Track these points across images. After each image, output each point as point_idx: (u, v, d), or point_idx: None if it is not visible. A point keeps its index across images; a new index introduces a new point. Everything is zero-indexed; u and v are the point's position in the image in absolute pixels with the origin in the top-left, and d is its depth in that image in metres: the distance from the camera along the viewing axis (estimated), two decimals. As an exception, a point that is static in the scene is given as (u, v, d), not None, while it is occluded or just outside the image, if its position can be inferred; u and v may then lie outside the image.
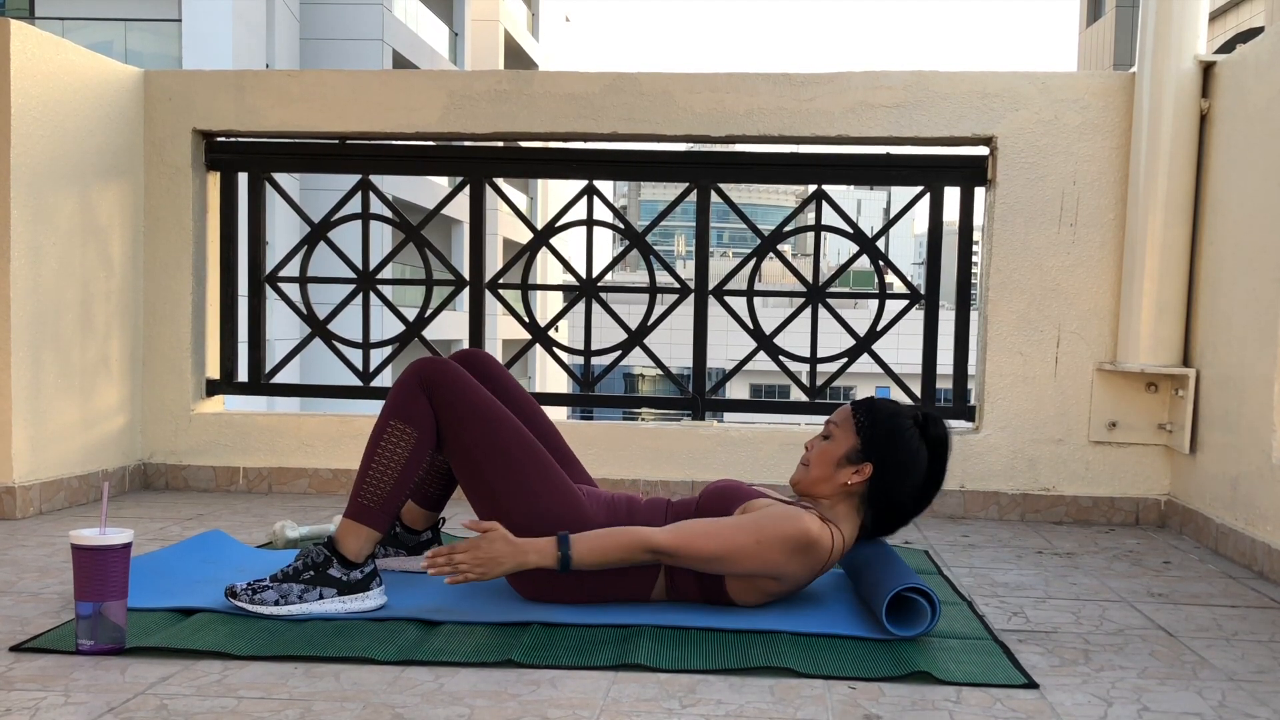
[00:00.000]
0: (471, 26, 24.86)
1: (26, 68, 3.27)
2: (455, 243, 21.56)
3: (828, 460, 2.31)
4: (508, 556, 2.15)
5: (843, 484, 2.30)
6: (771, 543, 2.19)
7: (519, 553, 2.16)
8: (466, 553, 2.14)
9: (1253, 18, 19.65)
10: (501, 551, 2.15)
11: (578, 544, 2.17)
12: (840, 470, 2.30)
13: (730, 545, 2.19)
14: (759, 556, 2.19)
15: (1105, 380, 3.63)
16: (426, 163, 4.13)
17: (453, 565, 2.14)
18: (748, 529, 2.20)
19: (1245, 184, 3.15)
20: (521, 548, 2.16)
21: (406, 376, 2.30)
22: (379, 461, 2.26)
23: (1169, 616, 2.44)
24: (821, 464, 2.32)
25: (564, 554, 2.15)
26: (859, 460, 2.29)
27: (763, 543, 2.18)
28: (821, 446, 2.34)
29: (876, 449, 2.29)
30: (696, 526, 2.21)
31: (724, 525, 2.22)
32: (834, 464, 2.30)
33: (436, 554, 2.15)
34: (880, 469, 2.29)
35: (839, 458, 2.30)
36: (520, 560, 2.16)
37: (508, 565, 2.16)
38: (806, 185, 3.99)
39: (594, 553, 2.17)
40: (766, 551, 2.19)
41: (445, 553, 2.14)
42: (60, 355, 3.45)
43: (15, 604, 2.31)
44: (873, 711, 1.78)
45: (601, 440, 3.75)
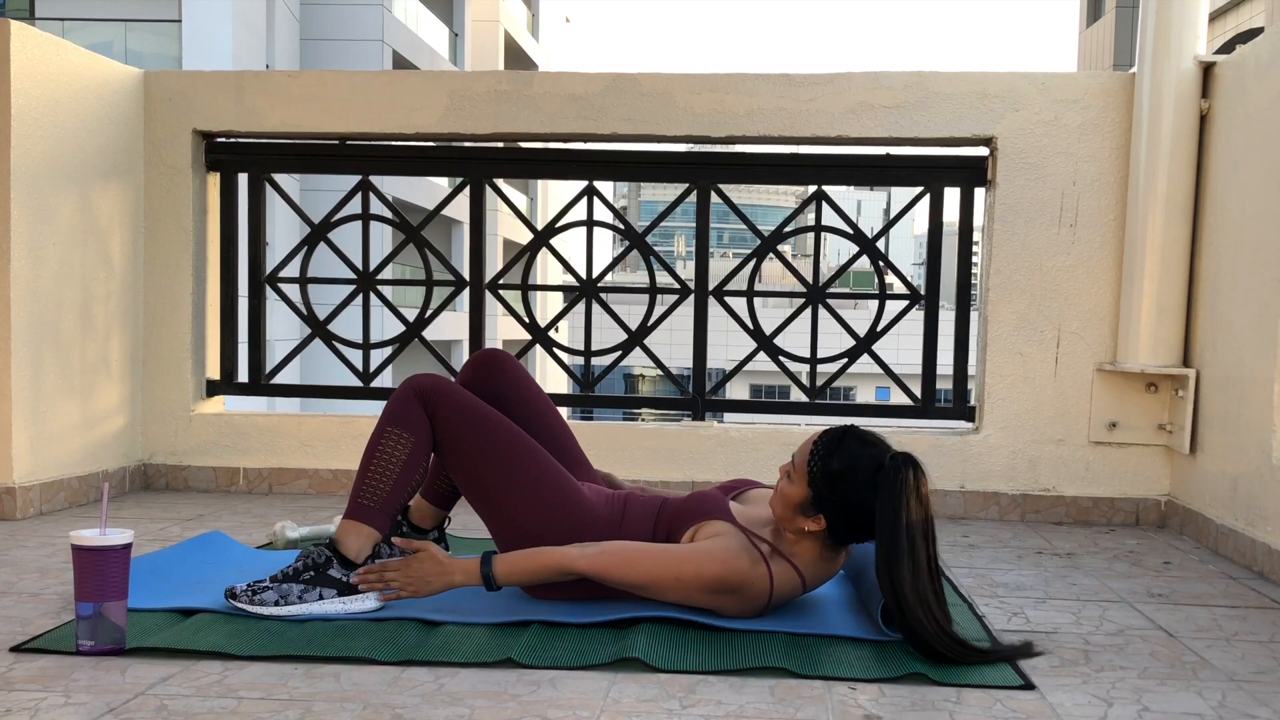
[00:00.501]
0: (471, 27, 24.86)
1: (26, 68, 3.27)
2: (455, 243, 21.56)
3: (786, 504, 2.19)
4: (435, 576, 2.22)
5: (801, 529, 2.19)
6: (690, 582, 2.16)
7: (445, 573, 2.22)
8: (397, 571, 2.23)
9: (1253, 18, 19.65)
10: (430, 571, 2.22)
11: (500, 564, 2.20)
12: (797, 518, 2.19)
13: (650, 578, 2.18)
14: (679, 592, 2.18)
15: (1105, 380, 3.63)
16: (426, 163, 4.13)
17: (384, 581, 2.23)
18: (669, 564, 2.17)
19: (1245, 184, 3.15)
20: (448, 568, 2.22)
21: (402, 389, 2.34)
22: (378, 463, 2.27)
23: (1169, 617, 2.44)
24: (781, 506, 2.21)
25: (486, 573, 2.19)
26: (812, 512, 2.16)
27: (681, 580, 2.17)
28: (781, 488, 2.21)
29: (825, 505, 2.15)
30: (621, 554, 2.19)
31: (647, 556, 2.19)
32: (791, 510, 2.18)
33: (369, 571, 2.23)
34: (833, 523, 2.17)
35: (795, 505, 2.18)
36: (447, 580, 2.22)
37: (436, 585, 2.22)
38: (806, 186, 3.99)
39: (516, 573, 2.21)
40: (686, 589, 2.17)
41: (377, 570, 2.23)
42: (60, 356, 3.45)
43: (15, 604, 2.31)
44: (873, 711, 1.78)
45: (601, 440, 3.74)
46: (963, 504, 3.66)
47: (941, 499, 3.65)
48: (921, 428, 3.84)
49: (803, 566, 2.22)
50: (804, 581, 2.23)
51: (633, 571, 2.18)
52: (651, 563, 2.18)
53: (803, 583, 2.23)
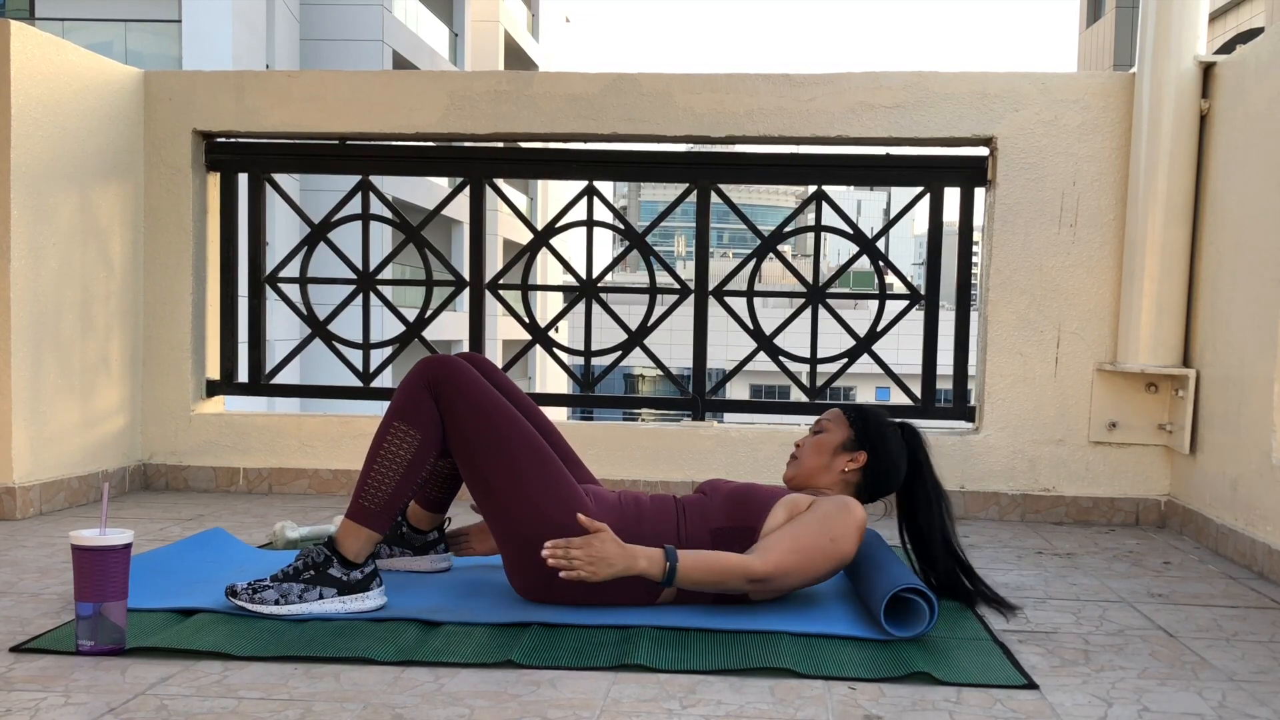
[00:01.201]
0: (471, 27, 24.86)
1: (27, 68, 3.27)
2: (455, 243, 21.56)
3: (824, 450, 2.45)
4: (618, 559, 2.15)
5: (840, 471, 2.44)
6: (846, 537, 2.26)
7: (629, 556, 2.15)
8: (581, 549, 2.14)
9: (1253, 18, 19.65)
10: (613, 553, 2.15)
11: (684, 559, 2.18)
12: (837, 458, 2.45)
13: (814, 554, 2.24)
14: (837, 554, 2.26)
15: (1105, 380, 3.63)
16: (426, 163, 4.13)
17: (569, 558, 2.13)
18: (818, 530, 2.25)
19: (1245, 184, 3.15)
20: (632, 552, 2.16)
21: (412, 377, 2.30)
22: (381, 463, 2.26)
23: (1169, 617, 2.44)
24: (818, 453, 2.45)
25: (671, 565, 2.16)
26: (854, 448, 2.45)
27: (837, 540, 2.25)
28: (815, 439, 2.48)
29: (870, 439, 2.45)
30: (782, 545, 2.23)
31: (800, 532, 2.25)
32: (831, 452, 2.45)
33: (556, 545, 2.14)
34: (873, 457, 2.45)
35: (835, 446, 2.45)
36: (630, 564, 2.15)
37: (618, 567, 2.15)
38: (806, 186, 3.99)
39: (698, 570, 2.19)
40: (841, 546, 2.26)
41: (563, 545, 2.14)
42: (60, 356, 3.45)
43: (15, 604, 2.31)
44: (873, 712, 1.78)
45: (601, 440, 3.75)
46: (963, 504, 3.66)
47: (941, 499, 3.64)
48: (921, 428, 3.83)
49: None
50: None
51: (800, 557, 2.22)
52: (807, 536, 2.24)
53: None
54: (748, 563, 2.20)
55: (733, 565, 2.20)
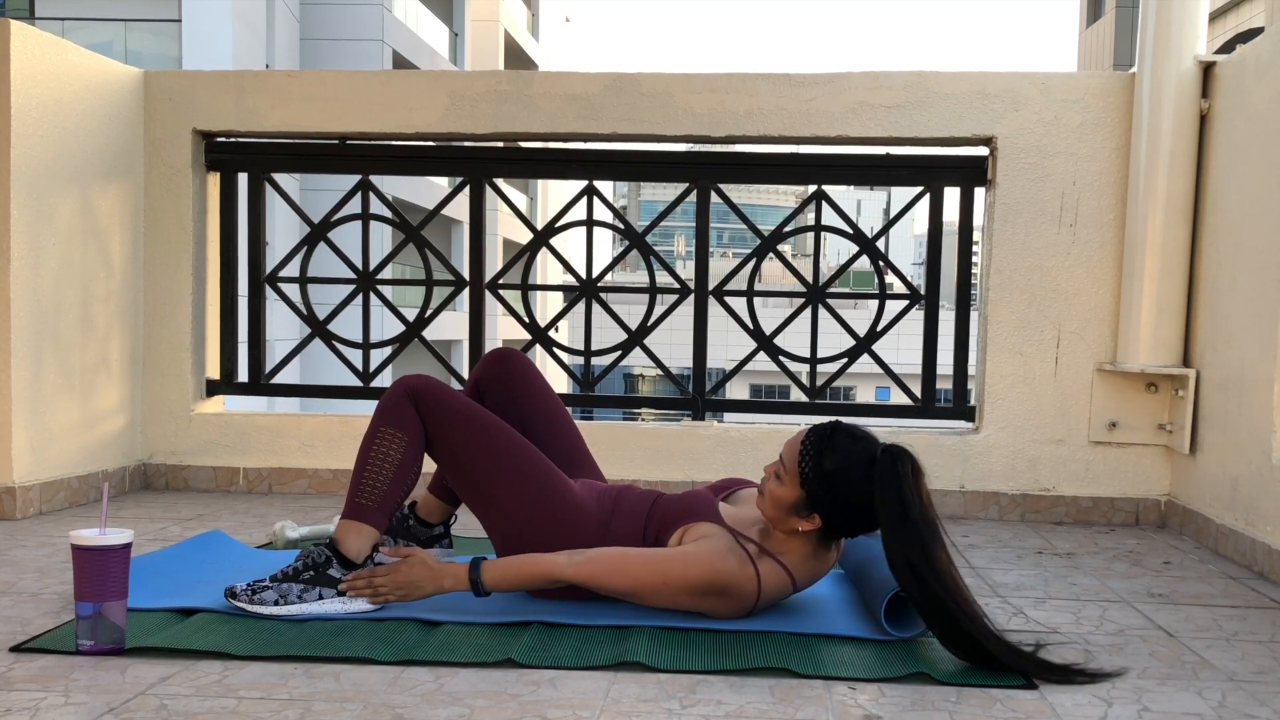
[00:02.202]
0: (471, 27, 24.86)
1: (26, 68, 3.27)
2: (455, 243, 21.55)
3: (778, 506, 2.18)
4: (427, 580, 2.22)
5: (795, 530, 2.19)
6: (676, 585, 2.16)
7: (435, 577, 2.22)
8: (386, 577, 2.22)
9: (1253, 18, 19.65)
10: (420, 576, 2.22)
11: (489, 570, 2.20)
12: (791, 518, 2.17)
13: (638, 584, 2.18)
14: (666, 597, 2.19)
15: (1105, 380, 3.63)
16: (426, 163, 4.13)
17: (373, 588, 2.22)
18: (657, 568, 2.17)
19: (1245, 184, 3.15)
20: (438, 573, 2.22)
21: (393, 389, 2.35)
22: (373, 462, 2.28)
23: (1169, 617, 2.44)
24: (773, 508, 2.19)
25: (474, 579, 2.19)
26: (806, 512, 2.16)
27: (668, 584, 2.17)
28: (771, 489, 2.20)
29: (820, 504, 2.14)
30: (608, 561, 2.19)
31: (635, 562, 2.19)
32: (784, 511, 2.17)
33: (356, 577, 2.23)
34: (830, 520, 2.16)
35: (788, 506, 2.16)
36: (437, 585, 2.22)
37: (427, 589, 2.22)
38: (806, 185, 3.99)
39: (505, 580, 2.21)
40: (673, 593, 2.18)
41: (365, 576, 2.23)
42: (60, 355, 3.45)
43: (15, 604, 2.31)
44: (873, 712, 1.78)
45: (601, 440, 3.73)
46: (963, 504, 3.66)
47: (941, 499, 3.64)
48: (921, 428, 3.84)
49: (792, 565, 2.21)
50: (794, 581, 2.23)
51: (620, 578, 2.18)
52: (639, 569, 2.18)
53: (793, 582, 2.23)
54: (559, 568, 2.19)
55: (542, 571, 2.20)
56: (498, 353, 2.60)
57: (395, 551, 2.25)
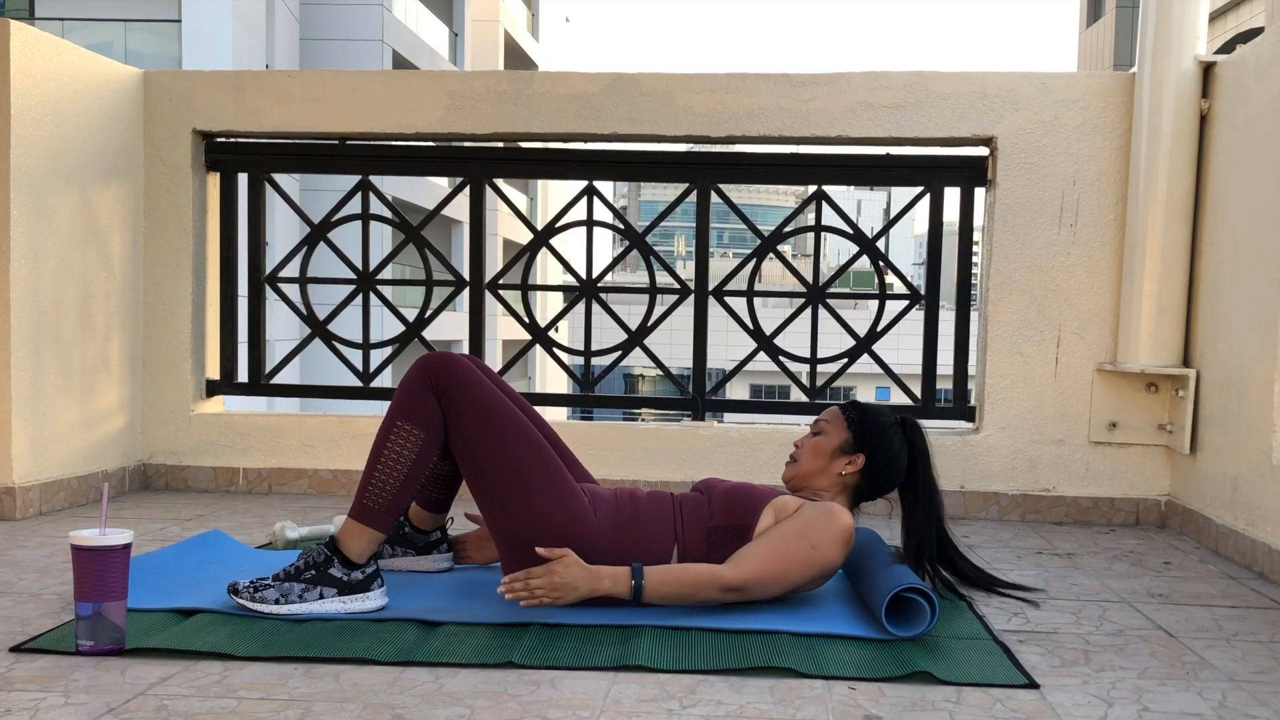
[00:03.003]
0: (471, 27, 24.85)
1: (26, 68, 3.27)
2: (455, 243, 21.55)
3: (822, 452, 2.42)
4: (582, 582, 2.16)
5: (838, 474, 2.41)
6: (827, 544, 2.25)
7: (593, 578, 2.17)
8: (543, 578, 2.15)
9: (1253, 18, 19.65)
10: (577, 577, 2.16)
11: (651, 575, 2.18)
12: (835, 461, 2.41)
13: (793, 562, 2.23)
14: (819, 562, 2.25)
15: (1105, 380, 3.63)
16: (426, 163, 4.13)
17: (529, 590, 2.16)
18: (800, 540, 2.23)
19: (1245, 184, 3.15)
20: (596, 574, 2.17)
21: (414, 373, 2.29)
22: (385, 462, 2.25)
23: (1169, 617, 2.44)
24: (816, 456, 2.42)
25: (637, 584, 2.17)
26: (852, 451, 2.41)
27: (818, 547, 2.24)
28: (814, 441, 2.44)
29: (868, 442, 2.41)
30: (758, 553, 2.22)
31: (778, 542, 2.23)
32: (829, 455, 2.41)
33: (514, 579, 2.16)
34: (871, 460, 2.41)
35: (833, 449, 2.41)
36: (594, 586, 2.17)
37: (583, 590, 2.17)
38: (806, 185, 3.99)
39: (666, 584, 2.19)
40: (824, 554, 2.25)
41: (522, 578, 2.16)
42: (60, 355, 3.45)
43: (15, 604, 2.31)
44: (873, 712, 1.78)
45: (601, 440, 3.75)
46: (963, 504, 3.66)
47: (941, 499, 3.64)
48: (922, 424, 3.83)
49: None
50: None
51: (778, 565, 2.22)
52: (785, 545, 2.23)
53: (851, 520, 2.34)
54: (720, 573, 2.19)
55: (704, 577, 2.19)
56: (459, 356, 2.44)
57: (550, 552, 2.18)
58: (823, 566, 2.27)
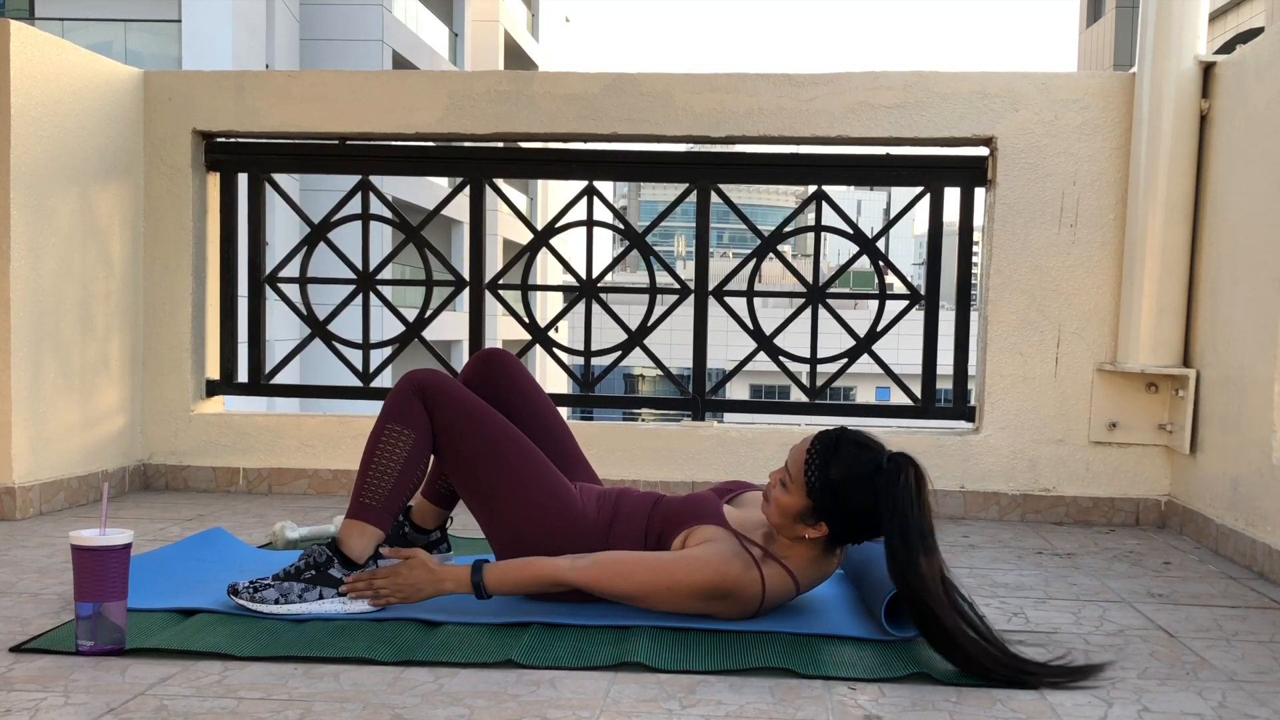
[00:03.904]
0: (471, 27, 24.86)
1: (26, 68, 3.27)
2: (455, 243, 21.55)
3: (784, 514, 2.16)
4: (427, 584, 2.22)
5: (801, 537, 2.18)
6: (681, 589, 2.16)
7: (437, 580, 2.22)
8: (387, 580, 2.22)
9: (1253, 18, 19.65)
10: (421, 579, 2.22)
11: (490, 573, 2.20)
12: (797, 525, 2.16)
13: (642, 588, 2.18)
14: (671, 601, 2.18)
15: (1105, 380, 3.63)
16: (426, 163, 4.13)
17: (373, 590, 2.22)
18: (660, 572, 2.17)
19: (1245, 184, 3.15)
20: (439, 575, 2.22)
21: (401, 385, 2.33)
22: (379, 462, 2.27)
23: (1169, 617, 2.43)
24: (779, 515, 2.17)
25: (476, 581, 2.19)
26: (813, 520, 2.15)
27: (673, 588, 2.16)
28: (777, 497, 2.17)
29: (826, 512, 2.13)
30: (611, 564, 2.19)
31: (639, 566, 2.19)
32: (791, 518, 2.16)
33: (358, 578, 2.23)
34: (836, 528, 2.16)
35: (794, 515, 2.15)
36: (437, 588, 2.22)
37: (427, 592, 2.22)
38: (806, 185, 3.99)
39: (507, 583, 2.21)
40: (678, 597, 2.17)
41: (365, 578, 2.23)
42: (60, 355, 3.45)
43: (15, 604, 2.31)
44: (873, 712, 1.78)
45: (601, 440, 3.74)
46: (963, 504, 3.66)
47: (941, 499, 3.65)
48: (921, 428, 3.84)
49: (796, 569, 2.21)
50: (797, 584, 2.23)
51: (625, 583, 2.18)
52: (644, 573, 2.17)
53: (796, 585, 2.23)
54: (562, 571, 2.18)
55: (543, 573, 2.19)
56: (487, 353, 2.59)
57: (396, 553, 2.25)
58: (679, 608, 2.18)
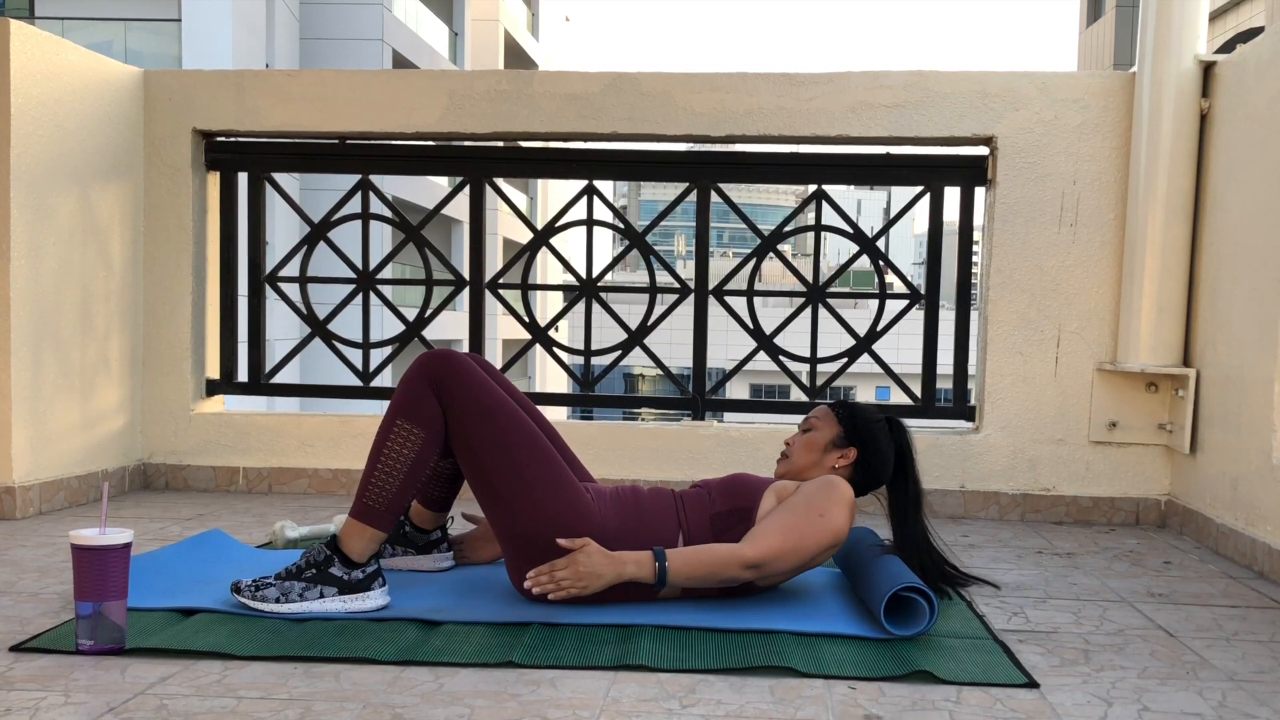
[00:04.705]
0: (471, 26, 24.85)
1: (26, 68, 3.27)
2: (455, 243, 21.56)
3: (815, 447, 2.45)
4: (607, 568, 2.17)
5: (831, 468, 2.44)
6: (834, 511, 2.28)
7: (618, 564, 2.17)
8: (567, 568, 2.16)
9: (1253, 18, 19.65)
10: (600, 564, 2.16)
11: (674, 557, 2.18)
12: (828, 455, 2.45)
13: (816, 544, 2.26)
14: (829, 529, 2.27)
15: (1105, 380, 3.63)
16: (426, 163, 4.13)
17: (555, 581, 2.16)
18: (821, 522, 2.26)
19: (1245, 184, 3.15)
20: (620, 559, 2.17)
21: (414, 372, 2.28)
22: (385, 462, 2.25)
23: (1169, 616, 2.44)
24: (809, 450, 2.45)
25: (660, 566, 2.17)
26: (844, 445, 2.45)
27: (826, 515, 2.27)
28: (805, 437, 2.48)
29: (859, 436, 2.46)
30: (772, 528, 2.25)
31: (790, 519, 2.26)
32: (821, 449, 2.45)
33: (539, 572, 2.17)
34: (863, 453, 2.45)
35: (825, 443, 2.46)
36: (619, 571, 2.17)
37: (608, 578, 2.17)
38: (806, 185, 3.99)
39: (689, 566, 2.20)
40: (832, 521, 2.27)
41: (546, 570, 2.17)
42: (60, 355, 3.45)
43: (15, 604, 2.31)
44: (873, 711, 1.78)
45: (601, 440, 3.75)
46: (963, 504, 3.66)
47: (941, 499, 3.65)
48: (921, 427, 3.83)
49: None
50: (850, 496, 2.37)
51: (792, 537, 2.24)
52: (811, 530, 2.26)
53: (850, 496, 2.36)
54: (739, 551, 2.21)
55: (724, 556, 2.21)
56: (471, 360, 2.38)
57: (570, 543, 2.18)
58: (834, 534, 2.28)
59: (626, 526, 2.28)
